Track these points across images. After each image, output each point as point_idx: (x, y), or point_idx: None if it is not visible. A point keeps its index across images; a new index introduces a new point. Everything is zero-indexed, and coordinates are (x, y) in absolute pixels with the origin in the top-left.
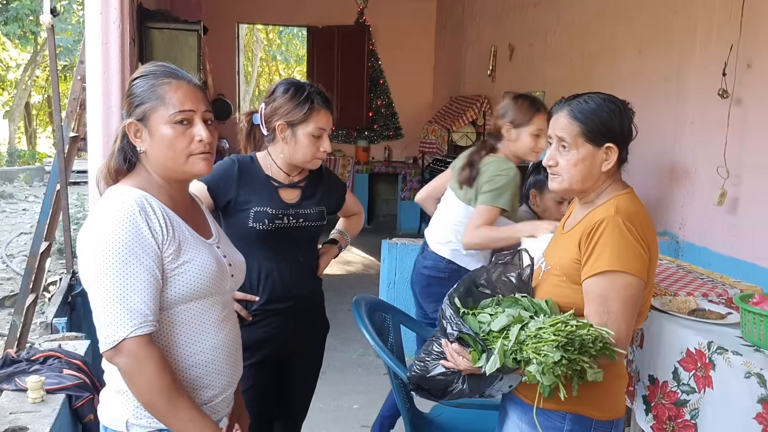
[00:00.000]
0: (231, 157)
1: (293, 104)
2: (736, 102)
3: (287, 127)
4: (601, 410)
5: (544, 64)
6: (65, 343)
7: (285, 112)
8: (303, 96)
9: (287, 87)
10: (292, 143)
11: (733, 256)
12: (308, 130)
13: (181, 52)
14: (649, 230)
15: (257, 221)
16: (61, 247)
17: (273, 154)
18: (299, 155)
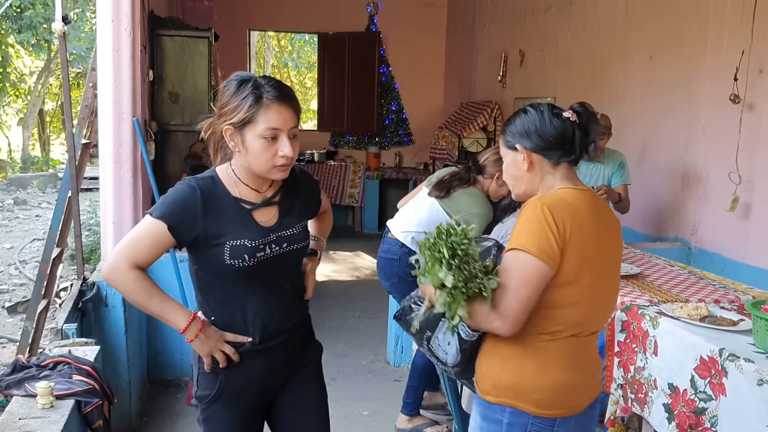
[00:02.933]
0: (188, 183)
1: (236, 101)
2: (748, 107)
3: (234, 131)
4: (539, 406)
5: (555, 70)
6: (75, 349)
7: (228, 112)
8: (247, 89)
9: (230, 81)
10: (244, 151)
11: (746, 263)
12: (257, 132)
13: (192, 59)
14: (574, 223)
15: (235, 258)
16: (73, 253)
17: (237, 169)
18: (254, 165)
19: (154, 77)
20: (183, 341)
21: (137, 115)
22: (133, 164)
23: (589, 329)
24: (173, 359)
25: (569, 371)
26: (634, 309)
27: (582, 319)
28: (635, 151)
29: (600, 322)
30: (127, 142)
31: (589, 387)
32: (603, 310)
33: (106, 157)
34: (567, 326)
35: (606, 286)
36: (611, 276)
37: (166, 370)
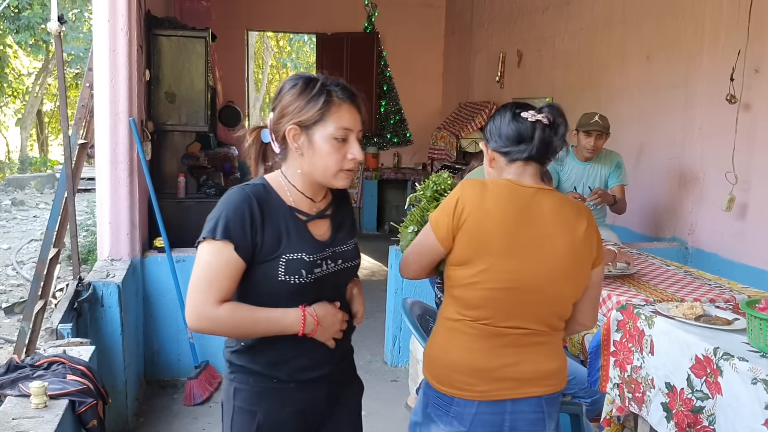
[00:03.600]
0: (240, 191)
1: (304, 100)
2: (744, 107)
3: (300, 131)
4: (438, 381)
5: (552, 70)
6: (70, 349)
7: (295, 111)
8: (316, 88)
9: (295, 81)
10: (309, 153)
11: (743, 262)
12: (328, 132)
13: (188, 60)
14: (477, 213)
15: (291, 273)
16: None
17: (289, 175)
18: (319, 168)
19: (151, 77)
20: (180, 342)
21: (134, 115)
22: (130, 164)
23: (503, 321)
24: (170, 360)
25: (472, 355)
26: (630, 308)
27: (483, 304)
28: (632, 151)
29: (523, 318)
30: (123, 142)
31: (504, 381)
32: (526, 308)
33: (103, 157)
34: (469, 309)
35: (534, 287)
36: (540, 276)
37: (162, 371)
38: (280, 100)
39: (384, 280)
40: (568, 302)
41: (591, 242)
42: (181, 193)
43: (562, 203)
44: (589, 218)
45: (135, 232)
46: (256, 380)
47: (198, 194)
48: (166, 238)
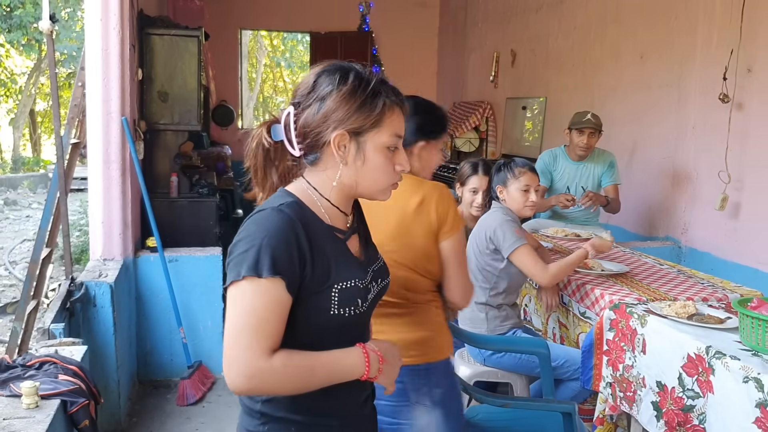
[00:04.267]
0: (278, 213)
1: (356, 102)
2: (737, 107)
3: (349, 138)
4: None
5: (546, 69)
6: (62, 348)
7: (345, 115)
8: (370, 88)
9: (341, 76)
10: (358, 163)
11: (736, 261)
12: (382, 141)
13: (181, 58)
14: None
15: (346, 305)
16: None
17: (320, 186)
18: (368, 180)
19: (143, 76)
20: (173, 342)
21: (126, 114)
22: (122, 164)
23: None
24: (163, 360)
25: None
26: (623, 307)
27: None
28: (626, 150)
29: None
30: (115, 141)
31: None
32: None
33: (95, 157)
34: None
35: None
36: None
37: (155, 371)
38: (320, 98)
39: None
40: (406, 272)
41: (427, 215)
42: (173, 193)
43: None
44: (427, 195)
45: (127, 232)
46: (301, 430)
47: (191, 194)
48: (159, 238)
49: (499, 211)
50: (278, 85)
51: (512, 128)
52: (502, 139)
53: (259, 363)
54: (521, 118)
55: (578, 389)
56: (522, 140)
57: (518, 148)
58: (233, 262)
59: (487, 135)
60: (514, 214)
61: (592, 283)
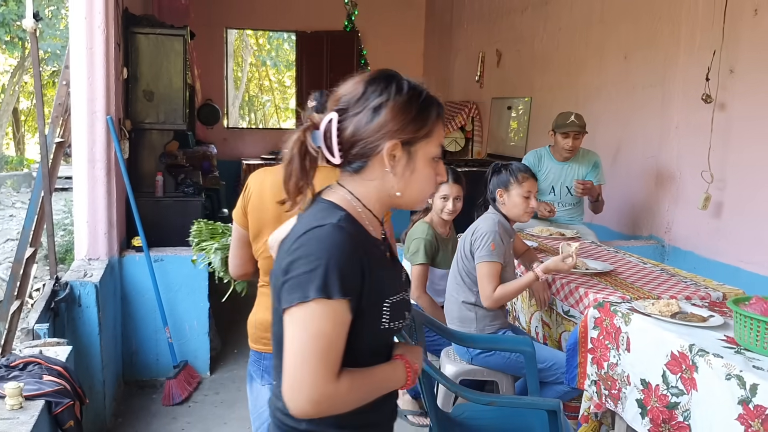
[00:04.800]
0: (338, 230)
1: (412, 113)
2: (719, 107)
3: (402, 149)
4: (251, 340)
5: (531, 70)
6: (46, 349)
7: (400, 126)
8: (423, 98)
9: (398, 86)
10: (407, 174)
11: (718, 260)
12: (430, 152)
13: (167, 58)
14: (257, 194)
15: (397, 318)
16: (47, 253)
17: (364, 196)
18: (415, 191)
19: (129, 75)
20: (158, 342)
21: (111, 113)
22: (107, 163)
23: None
24: (149, 360)
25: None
26: (607, 306)
27: None
28: (610, 150)
29: None
30: (100, 140)
31: None
32: None
33: (80, 156)
34: (265, 274)
35: None
36: None
37: (141, 371)
38: (373, 109)
39: None
40: None
41: None
42: (159, 192)
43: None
44: None
45: (113, 232)
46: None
47: (176, 193)
48: (144, 238)
49: (492, 219)
50: (264, 84)
51: (498, 128)
52: (488, 139)
53: (327, 388)
54: (506, 118)
55: (563, 392)
56: (507, 140)
57: (504, 147)
58: (296, 281)
59: (473, 135)
60: (507, 223)
61: (577, 282)
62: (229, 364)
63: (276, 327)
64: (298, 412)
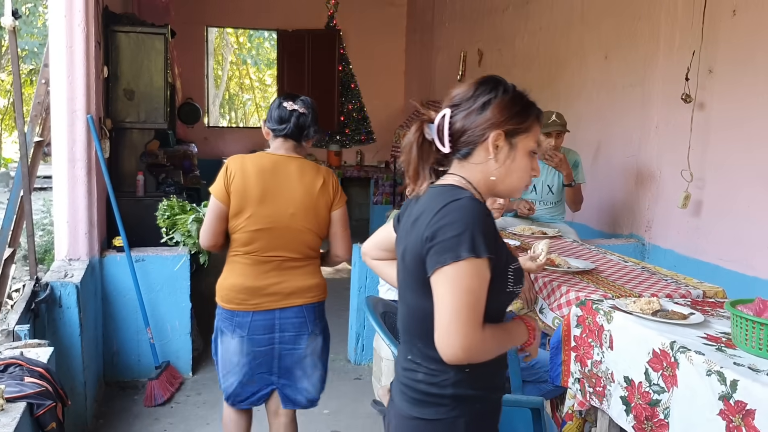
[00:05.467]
0: (473, 201)
1: (516, 108)
2: (698, 106)
3: (504, 139)
4: (222, 301)
5: (512, 69)
6: (27, 350)
7: (505, 118)
8: (526, 98)
9: (504, 87)
10: (508, 162)
11: (698, 258)
12: (529, 145)
13: (147, 56)
14: (239, 174)
15: (517, 283)
16: (26, 253)
17: (474, 179)
18: (513, 179)
19: (109, 74)
20: (140, 342)
21: (91, 112)
22: (88, 162)
23: (266, 252)
24: (130, 361)
25: (246, 279)
26: (589, 304)
27: (251, 241)
28: (590, 149)
29: (282, 249)
30: (81, 139)
31: (272, 296)
32: (281, 241)
33: (60, 155)
34: (240, 246)
35: (283, 225)
36: (286, 216)
37: (122, 372)
38: (481, 104)
39: (347, 279)
40: (310, 235)
41: (326, 193)
42: (140, 192)
43: (304, 167)
44: (326, 178)
45: (93, 232)
46: (482, 405)
47: (157, 192)
48: (125, 238)
49: None
50: (244, 82)
51: None
52: None
53: (476, 336)
54: None
55: (547, 390)
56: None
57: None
58: (445, 245)
59: None
60: None
61: (558, 280)
62: (212, 364)
63: (412, 296)
64: (452, 358)
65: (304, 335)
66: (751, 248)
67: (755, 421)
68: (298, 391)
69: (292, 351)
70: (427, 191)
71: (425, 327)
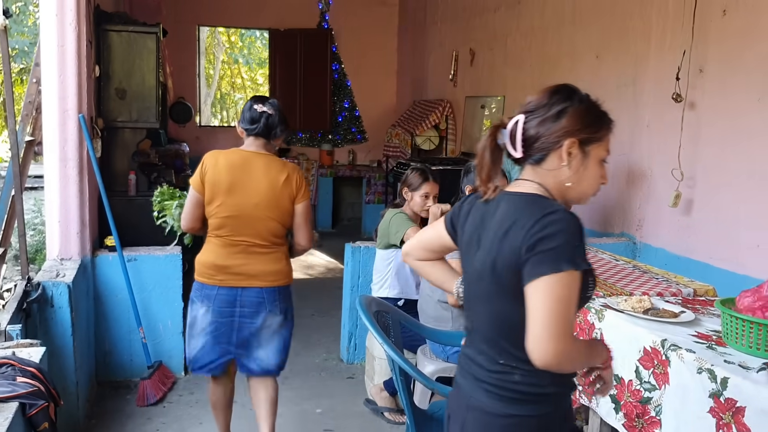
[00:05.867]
0: (569, 213)
1: (591, 117)
2: (689, 106)
3: (578, 147)
4: (197, 274)
5: (504, 69)
6: (19, 350)
7: (580, 127)
8: (599, 108)
9: (579, 97)
10: (580, 169)
11: (688, 257)
12: (601, 154)
13: (139, 55)
14: (212, 168)
15: (593, 289)
16: (17, 253)
17: (549, 186)
18: (584, 186)
19: (101, 73)
20: (132, 342)
21: (83, 111)
22: (79, 162)
23: (235, 237)
24: (122, 360)
25: (216, 257)
26: None
27: (222, 226)
28: None
29: (248, 234)
30: (72, 139)
31: (237, 275)
32: (247, 228)
33: (51, 155)
34: (214, 229)
35: (247, 214)
36: (251, 206)
37: (115, 372)
38: (556, 113)
39: (340, 278)
40: (273, 223)
41: (289, 187)
42: (131, 191)
43: (270, 163)
44: (290, 173)
45: (85, 231)
46: (568, 399)
47: (149, 192)
48: (117, 237)
49: None
50: (236, 81)
51: (471, 126)
52: (462, 138)
53: (567, 345)
54: (480, 116)
55: None
56: (481, 138)
57: (477, 146)
58: (544, 256)
59: (447, 133)
60: None
61: None
62: None
63: (503, 303)
64: (542, 364)
65: (262, 313)
66: (741, 247)
67: (745, 418)
68: (252, 360)
69: (249, 324)
70: (505, 198)
71: (517, 333)
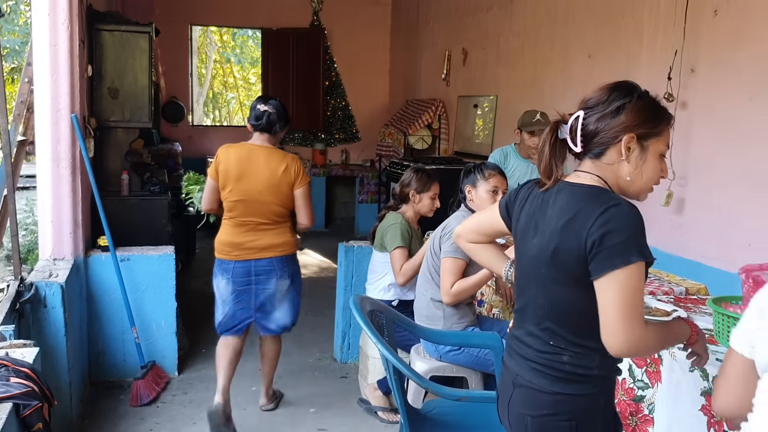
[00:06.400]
0: (633, 207)
1: (649, 113)
2: (681, 105)
3: (636, 141)
4: (216, 251)
5: (497, 68)
6: (13, 351)
7: (638, 122)
8: (658, 104)
9: (639, 93)
10: (639, 162)
11: (680, 255)
12: (660, 148)
13: (132, 55)
14: (223, 158)
15: (647, 275)
16: (8, 253)
17: (610, 179)
18: (644, 180)
19: (93, 73)
20: (125, 342)
21: (76, 111)
22: (72, 162)
23: (245, 217)
24: (116, 360)
25: (231, 236)
26: None
27: (233, 209)
28: None
29: (255, 215)
30: (65, 138)
31: (249, 250)
32: (254, 210)
33: (44, 155)
34: (227, 211)
35: (253, 198)
36: (255, 192)
37: (108, 372)
38: (616, 109)
39: (333, 277)
40: (275, 206)
41: (288, 175)
42: (124, 191)
43: (271, 154)
44: (289, 164)
45: (78, 231)
46: (612, 383)
47: (142, 192)
48: (110, 237)
49: (461, 217)
50: (228, 81)
51: (464, 126)
52: (455, 137)
53: (641, 332)
54: (473, 115)
55: None
56: (473, 137)
57: (470, 145)
58: (614, 250)
59: (440, 133)
60: None
61: None
62: (197, 363)
63: (562, 290)
64: (618, 351)
65: (273, 278)
66: (733, 245)
67: None
68: (271, 321)
69: (264, 289)
70: (565, 188)
71: (575, 318)
